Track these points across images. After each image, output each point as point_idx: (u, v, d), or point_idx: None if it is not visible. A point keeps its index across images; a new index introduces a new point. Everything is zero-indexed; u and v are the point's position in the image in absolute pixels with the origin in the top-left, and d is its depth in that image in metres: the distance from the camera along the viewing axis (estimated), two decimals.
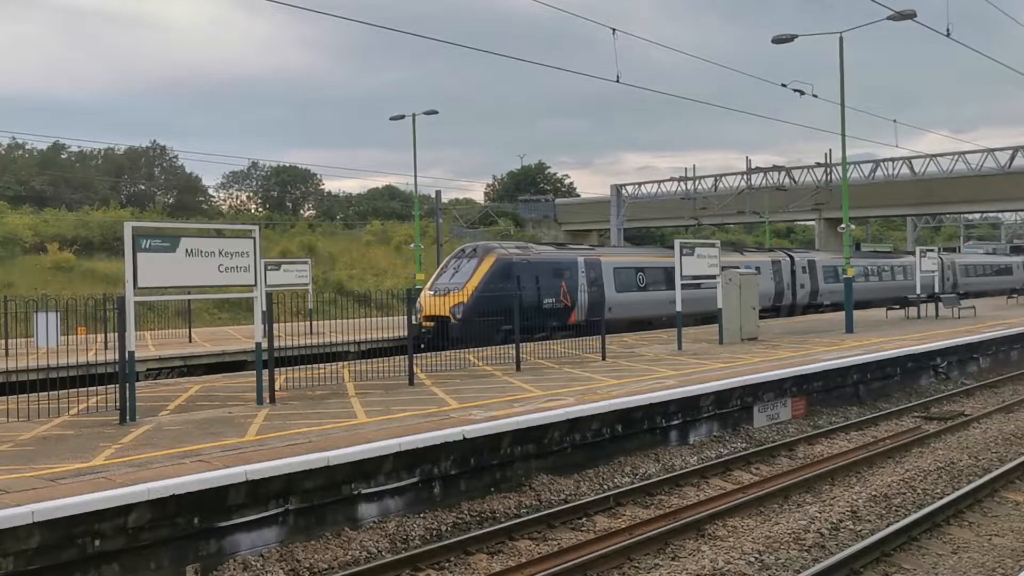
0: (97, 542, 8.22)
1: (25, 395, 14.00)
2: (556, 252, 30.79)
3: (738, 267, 30.95)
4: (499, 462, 12.01)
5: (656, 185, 56.15)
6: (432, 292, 27.61)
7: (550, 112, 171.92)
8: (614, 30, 22.52)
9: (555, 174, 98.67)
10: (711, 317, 26.47)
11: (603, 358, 19.95)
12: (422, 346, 23.54)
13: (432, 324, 25.66)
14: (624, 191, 56.67)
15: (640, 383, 15.78)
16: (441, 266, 30.60)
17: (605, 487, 12.51)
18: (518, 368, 18.21)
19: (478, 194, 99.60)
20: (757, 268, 33.67)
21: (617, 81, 24.24)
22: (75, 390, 14.93)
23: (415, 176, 46.54)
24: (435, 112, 40.81)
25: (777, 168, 50.42)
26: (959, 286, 51.50)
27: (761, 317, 27.73)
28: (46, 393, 14.10)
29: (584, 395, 14.36)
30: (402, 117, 41.10)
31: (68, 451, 10.42)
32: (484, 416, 12.37)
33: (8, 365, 18.95)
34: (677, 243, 22.94)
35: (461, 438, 11.31)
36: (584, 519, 10.98)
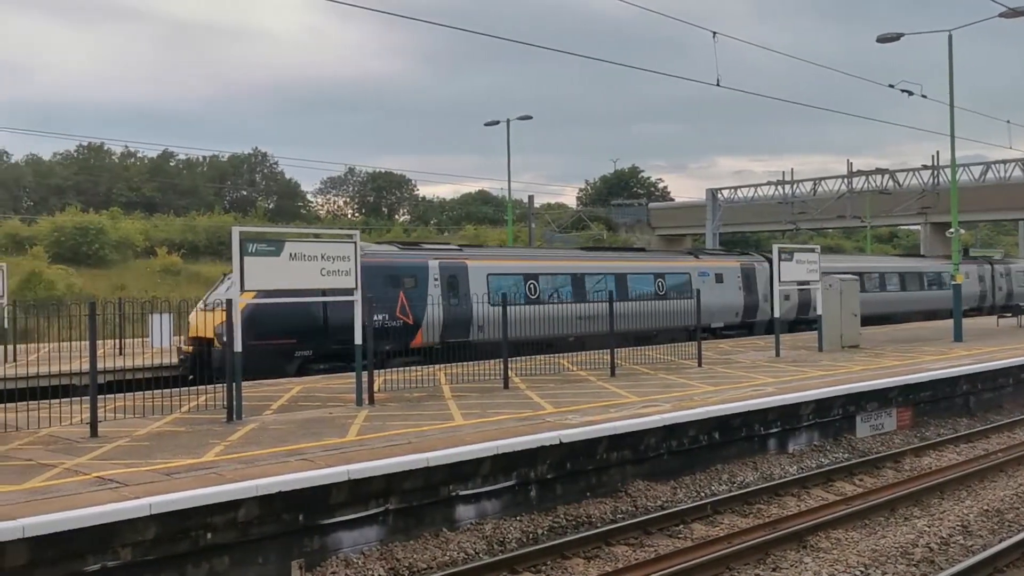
0: (209, 535, 8.53)
1: (140, 393, 14.61)
2: (394, 253, 23.14)
3: (687, 273, 28.80)
4: (595, 467, 12.00)
5: (752, 189, 55.23)
6: (203, 306, 20.14)
7: (643, 116, 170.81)
8: (715, 33, 22.25)
9: (648, 178, 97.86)
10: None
11: (699, 364, 19.71)
12: (190, 378, 17.85)
13: (193, 349, 19.65)
14: (720, 195, 55.90)
15: (737, 390, 15.54)
16: (226, 274, 23.68)
17: (702, 494, 12.37)
18: (612, 373, 18.13)
19: (570, 199, 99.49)
20: (718, 275, 30.09)
21: (717, 84, 23.94)
22: (185, 388, 15.50)
23: (508, 181, 46.80)
24: (529, 117, 41.01)
25: (880, 171, 48.98)
26: None
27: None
28: (159, 391, 14.68)
29: (680, 401, 14.22)
30: (497, 123, 41.46)
31: (180, 447, 10.83)
32: (580, 421, 12.37)
33: (124, 364, 19.78)
34: (775, 248, 22.56)
35: (558, 442, 11.34)
36: (681, 526, 10.87)
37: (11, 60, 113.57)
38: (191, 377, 18.00)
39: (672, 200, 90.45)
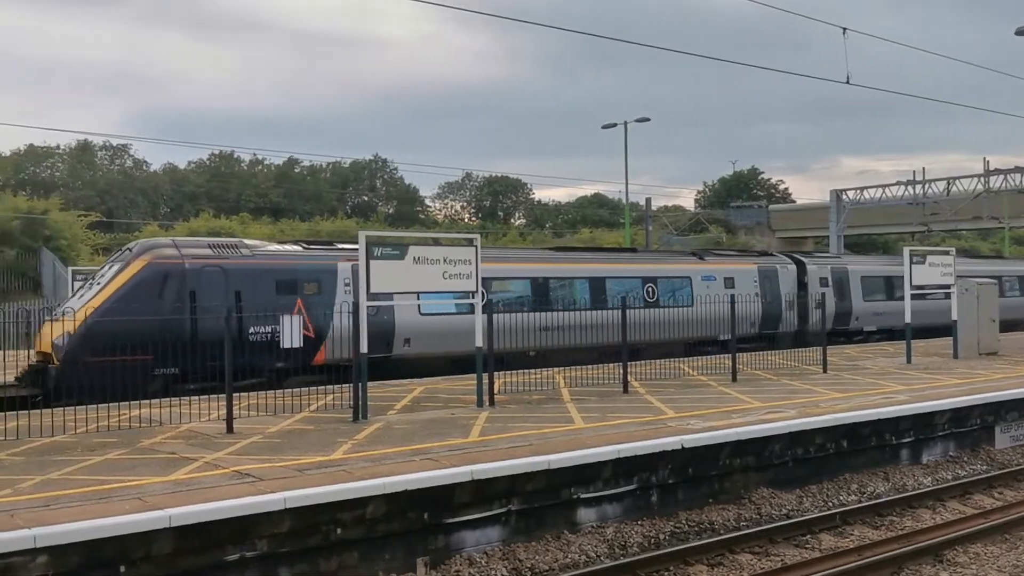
0: (339, 530, 8.80)
1: (272, 392, 15.19)
2: (293, 254, 20.07)
3: (687, 277, 25.47)
4: (717, 473, 11.82)
5: (880, 189, 53.24)
6: (52, 316, 17.80)
7: (763, 116, 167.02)
8: (844, 29, 21.60)
9: (769, 179, 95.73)
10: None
11: (824, 370, 19.15)
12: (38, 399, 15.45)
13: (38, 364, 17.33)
14: (844, 196, 54.14)
15: (867, 397, 15.04)
16: (85, 276, 21.47)
17: (830, 504, 12.02)
18: (734, 379, 17.81)
19: (688, 201, 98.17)
20: (729, 279, 26.58)
21: (847, 82, 23.22)
22: (312, 388, 16.01)
23: (626, 183, 46.48)
24: (647, 119, 40.73)
25: (1020, 169, 46.51)
26: None
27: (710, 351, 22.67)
28: (288, 391, 15.22)
29: (806, 408, 13.85)
30: (614, 125, 41.31)
31: (310, 444, 11.20)
32: (702, 426, 12.20)
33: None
34: (906, 251, 21.73)
35: (680, 447, 11.22)
36: (808, 536, 10.59)
37: (149, 74, 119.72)
38: (38, 398, 15.35)
39: (793, 202, 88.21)
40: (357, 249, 20.27)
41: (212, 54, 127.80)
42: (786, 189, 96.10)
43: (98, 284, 18.03)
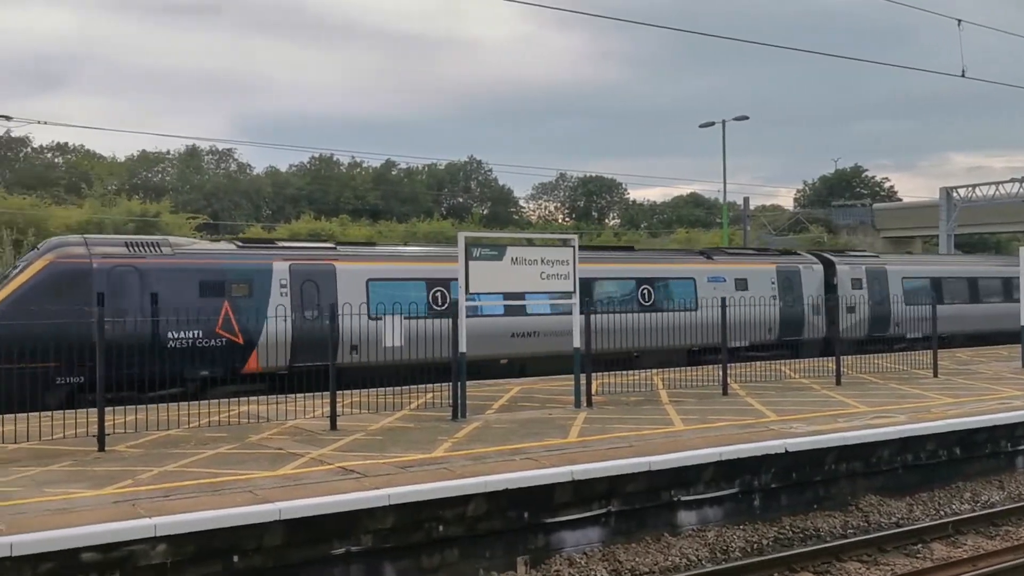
0: (440, 527, 8.92)
1: (372, 390, 15.48)
2: (221, 252, 18.71)
3: (690, 279, 23.12)
4: (822, 478, 11.54)
5: (993, 187, 51.08)
6: None
7: (866, 113, 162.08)
8: (959, 21, 20.79)
9: (872, 177, 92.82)
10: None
11: (935, 375, 18.50)
12: None
13: None
14: (955, 194, 52.13)
15: (981, 403, 14.47)
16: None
17: (942, 512, 11.62)
18: (838, 382, 17.35)
19: (787, 200, 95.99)
20: (741, 281, 24.21)
21: (963, 75, 22.34)
22: (411, 387, 16.24)
23: (724, 182, 45.57)
24: (746, 118, 40.04)
25: None
26: None
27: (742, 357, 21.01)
28: (388, 389, 15.49)
29: (916, 413, 13.41)
30: (712, 124, 40.74)
31: (412, 442, 11.38)
32: (806, 430, 11.93)
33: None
34: (1022, 251, 20.80)
35: (783, 451, 11.00)
36: (919, 545, 10.26)
37: (253, 80, 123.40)
38: None
39: (899, 200, 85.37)
40: (303, 248, 19.83)
41: (313, 59, 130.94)
42: (891, 187, 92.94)
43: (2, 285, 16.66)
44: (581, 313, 14.49)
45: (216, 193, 69.60)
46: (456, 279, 17.58)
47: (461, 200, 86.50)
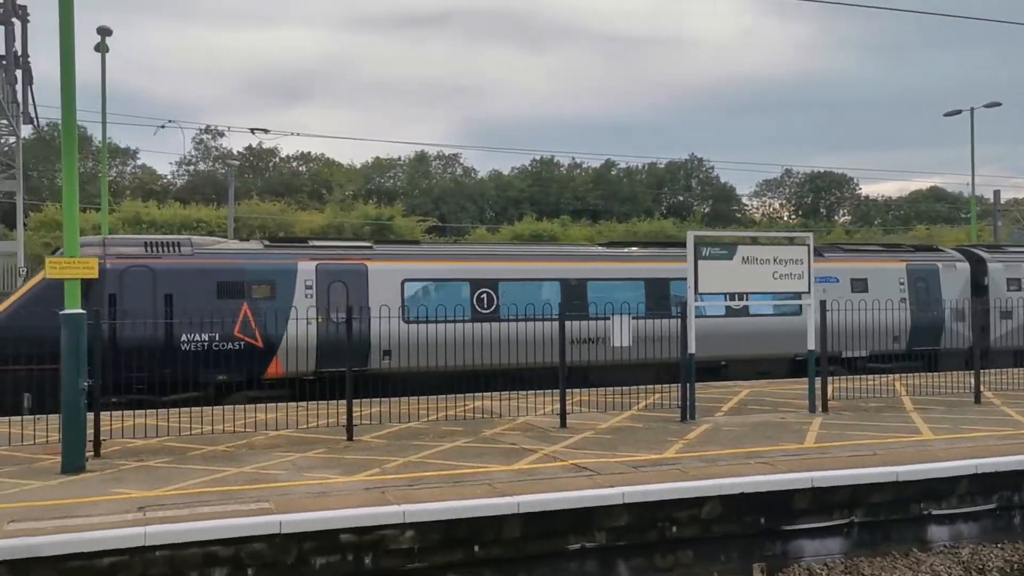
0: (674, 528, 8.86)
1: (601, 389, 15.62)
2: (243, 253, 17.80)
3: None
4: None
5: None
6: None
7: None
8: None
9: None
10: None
11: None
12: None
13: None
14: None
15: None
16: None
17: None
18: None
19: None
20: (858, 281, 21.16)
21: None
22: (638, 387, 16.22)
23: (972, 175, 42.05)
24: (997, 104, 36.95)
25: None
26: None
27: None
28: (616, 388, 15.57)
29: None
30: (958, 112, 37.93)
31: (641, 442, 11.37)
32: None
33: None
34: None
35: None
36: None
37: (477, 86, 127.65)
38: None
39: None
40: (328, 247, 18.67)
41: (535, 63, 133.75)
42: None
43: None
44: (650, 317, 13.89)
45: (443, 196, 72.57)
46: (502, 279, 18.39)
47: (682, 199, 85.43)
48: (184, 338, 15.93)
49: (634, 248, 21.39)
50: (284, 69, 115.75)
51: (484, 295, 18.20)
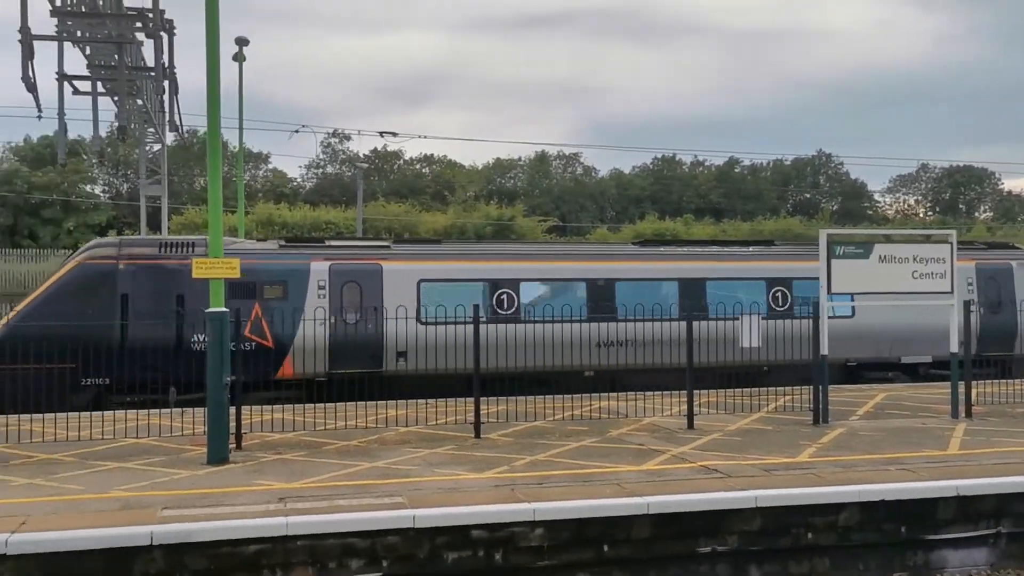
0: (809, 535, 8.63)
1: (728, 390, 15.35)
2: (256, 253, 17.33)
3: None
4: None
5: None
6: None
7: None
8: None
9: None
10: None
11: None
12: None
13: None
14: None
15: None
16: None
17: None
18: None
19: None
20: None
21: None
22: (767, 388, 15.86)
23: None
24: None
25: None
26: None
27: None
28: (745, 390, 15.26)
29: None
30: None
31: (772, 445, 11.12)
32: None
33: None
34: None
35: None
36: None
37: (597, 85, 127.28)
38: None
39: None
40: (343, 247, 18.12)
41: (655, 60, 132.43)
42: None
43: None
44: (678, 320, 13.54)
45: (563, 196, 72.66)
46: (526, 279, 17.71)
47: (809, 196, 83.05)
48: (194, 338, 15.82)
49: (670, 247, 20.53)
50: (407, 72, 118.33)
51: (504, 296, 17.63)
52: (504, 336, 15.83)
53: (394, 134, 40.67)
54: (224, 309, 10.55)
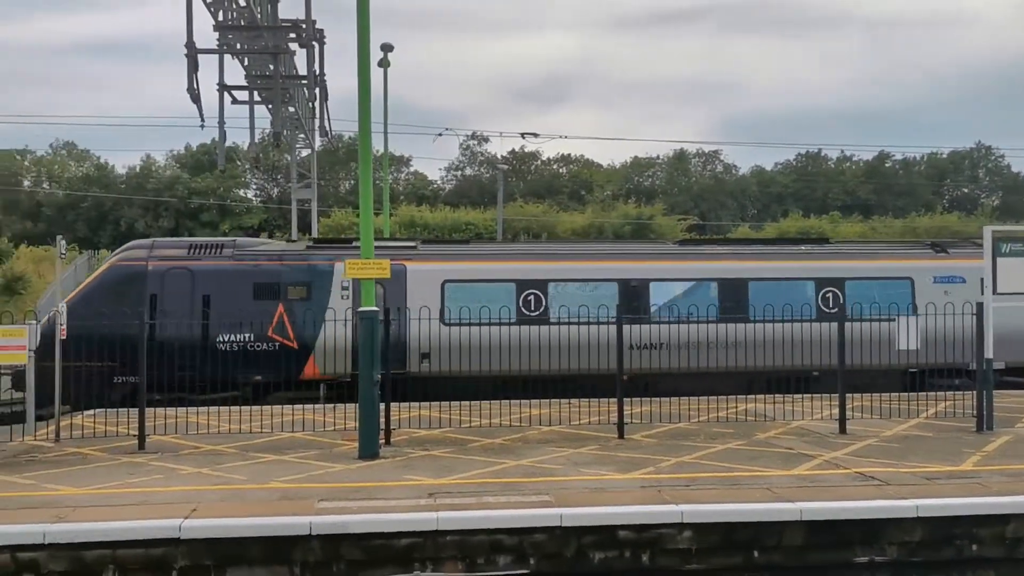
0: (974, 547, 8.21)
1: (883, 395, 14.74)
2: (281, 254, 17.51)
3: (905, 279, 17.16)
4: None
5: None
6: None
7: None
8: None
9: None
10: None
11: None
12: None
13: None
14: None
15: None
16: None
17: None
18: None
19: None
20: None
21: None
22: (924, 393, 15.12)
23: None
24: None
25: None
26: None
27: None
28: (903, 394, 14.63)
29: None
30: None
31: (933, 452, 10.63)
32: None
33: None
34: None
35: None
36: None
37: (734, 80, 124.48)
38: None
39: None
40: (378, 247, 16.78)
41: (796, 53, 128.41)
42: None
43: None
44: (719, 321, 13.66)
45: (703, 194, 71.48)
46: (552, 279, 17.03)
47: (966, 191, 78.80)
48: (220, 338, 16.17)
49: (711, 245, 19.52)
50: (543, 73, 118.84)
51: (532, 297, 17.18)
52: (535, 338, 15.72)
53: (535, 135, 40.96)
54: (375, 308, 10.88)
